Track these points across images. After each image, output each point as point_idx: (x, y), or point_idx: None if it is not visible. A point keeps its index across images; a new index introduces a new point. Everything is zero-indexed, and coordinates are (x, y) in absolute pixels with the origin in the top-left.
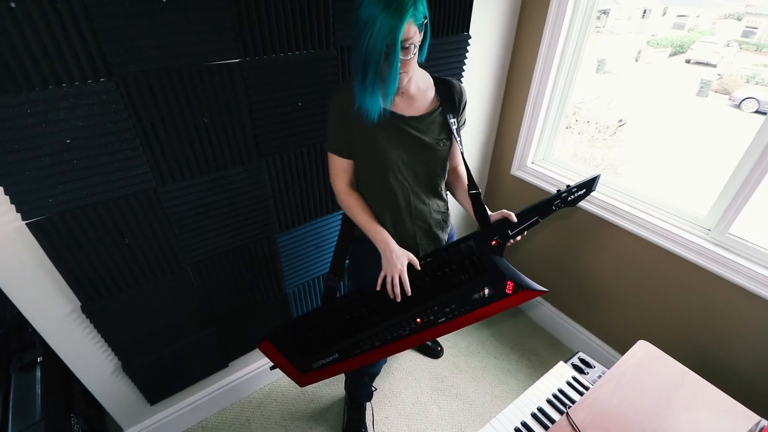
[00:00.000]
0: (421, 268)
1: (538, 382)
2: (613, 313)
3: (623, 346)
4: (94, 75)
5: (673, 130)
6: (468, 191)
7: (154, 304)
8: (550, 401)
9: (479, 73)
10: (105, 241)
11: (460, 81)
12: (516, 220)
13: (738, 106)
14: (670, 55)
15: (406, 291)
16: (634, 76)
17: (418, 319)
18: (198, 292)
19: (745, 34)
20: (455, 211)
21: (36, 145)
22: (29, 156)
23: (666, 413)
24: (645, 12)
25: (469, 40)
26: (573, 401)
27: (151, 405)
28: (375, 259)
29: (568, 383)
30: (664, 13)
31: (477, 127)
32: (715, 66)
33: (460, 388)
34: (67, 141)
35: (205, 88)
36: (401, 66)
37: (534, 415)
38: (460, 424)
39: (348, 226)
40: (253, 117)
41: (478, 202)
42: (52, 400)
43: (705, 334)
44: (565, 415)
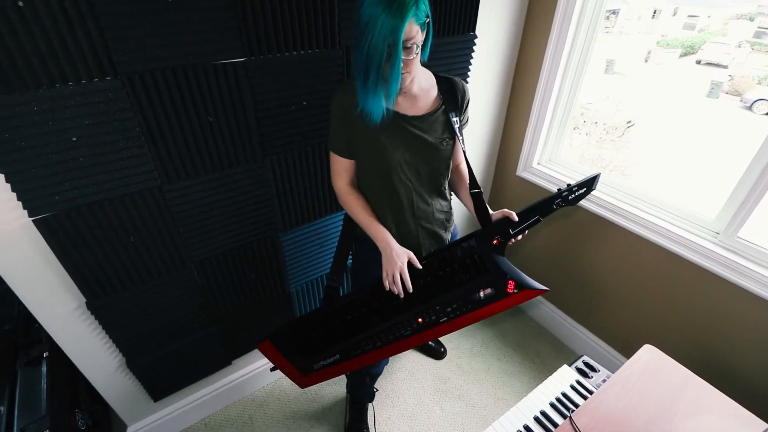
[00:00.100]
0: (422, 267)
1: (542, 386)
2: (617, 316)
3: (628, 349)
4: (100, 73)
5: (683, 132)
6: (469, 190)
7: (159, 302)
8: (553, 405)
9: (485, 73)
10: (110, 239)
11: (465, 80)
12: (517, 219)
13: (749, 108)
14: (681, 56)
15: (407, 287)
16: (643, 77)
17: (420, 319)
18: (202, 290)
19: (758, 35)
20: (459, 210)
21: (43, 143)
22: (36, 153)
23: (671, 418)
24: (655, 12)
25: (475, 40)
26: (577, 405)
27: (155, 402)
28: (377, 258)
29: (572, 387)
30: (675, 14)
31: (482, 127)
32: (726, 67)
33: (463, 389)
34: (74, 139)
35: (210, 87)
36: (404, 66)
37: (537, 419)
38: (462, 426)
39: (350, 226)
40: (258, 116)
41: (479, 201)
42: (57, 396)
43: (711, 338)
44: (568, 419)
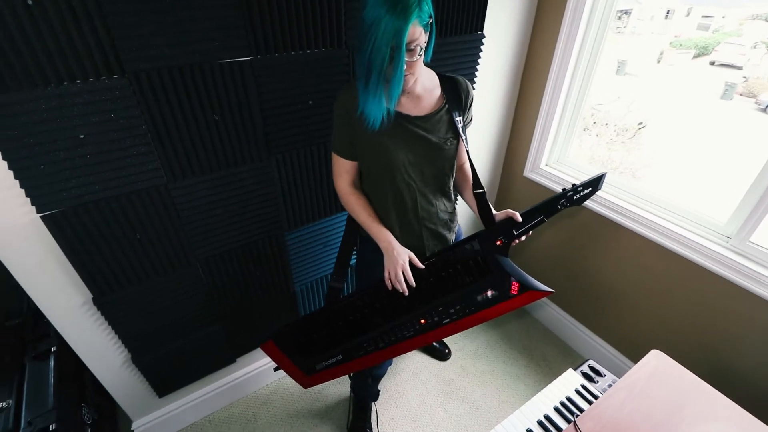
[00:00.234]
0: (424, 267)
1: (546, 389)
2: (624, 320)
3: (635, 353)
4: (107, 72)
5: (695, 134)
6: (473, 190)
7: (164, 299)
8: (557, 409)
9: (493, 73)
10: (117, 236)
11: (473, 80)
12: (521, 220)
13: (764, 110)
14: (694, 57)
15: (410, 284)
16: (655, 78)
17: (423, 320)
18: (207, 287)
19: None
20: (463, 211)
21: (51, 140)
22: (44, 150)
23: (678, 425)
24: (668, 12)
25: (483, 40)
26: (581, 410)
27: (160, 397)
28: (381, 258)
29: (577, 391)
30: (689, 14)
31: (490, 128)
32: (740, 68)
33: (467, 391)
34: (81, 136)
35: (216, 85)
36: (407, 68)
37: (540, 423)
38: (466, 428)
39: (353, 226)
40: (263, 115)
41: (482, 202)
42: (64, 390)
43: (721, 345)
44: (572, 423)
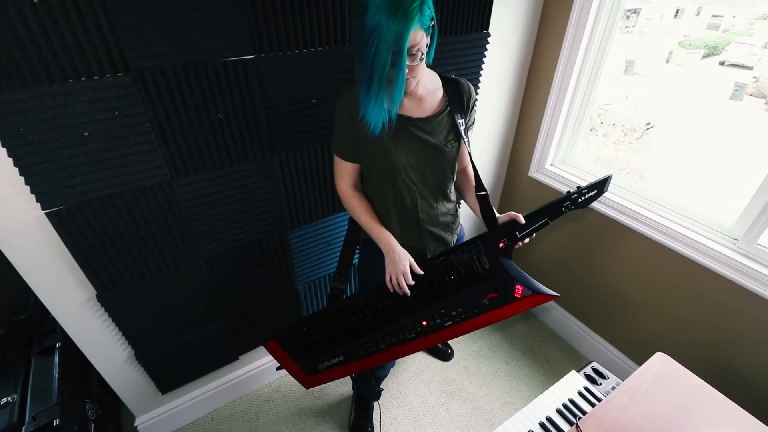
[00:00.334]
0: (426, 270)
1: (548, 391)
2: (629, 322)
3: (640, 356)
4: (112, 69)
5: (704, 135)
6: (475, 193)
7: (167, 296)
8: (559, 411)
9: (498, 72)
10: (121, 233)
11: (478, 79)
12: (524, 222)
13: None
14: (703, 57)
15: (410, 285)
16: (664, 78)
17: (424, 322)
18: (210, 285)
19: None
20: (466, 213)
21: (55, 137)
22: (49, 148)
23: (682, 429)
24: (678, 12)
25: (488, 39)
26: (584, 412)
27: (163, 394)
28: (382, 260)
29: (580, 393)
30: (698, 13)
31: (495, 127)
32: (751, 68)
33: (469, 392)
34: (86, 134)
35: (220, 83)
36: (408, 71)
37: (542, 425)
38: (468, 428)
39: (355, 227)
40: (267, 113)
41: (485, 204)
42: (68, 385)
43: (727, 348)
44: (574, 426)
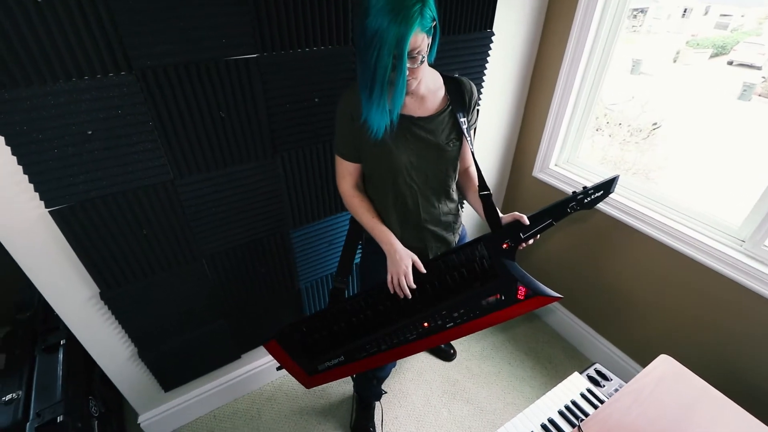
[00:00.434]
0: (427, 270)
1: (551, 393)
2: (634, 323)
3: (644, 358)
4: (115, 68)
5: (711, 135)
6: (478, 192)
7: (170, 294)
8: (562, 413)
9: (502, 71)
10: (123, 231)
11: (481, 78)
12: (528, 223)
13: None
14: (711, 57)
15: (412, 288)
16: (671, 78)
17: (426, 323)
18: (212, 283)
19: None
20: (469, 213)
21: (59, 136)
22: (52, 146)
23: None
24: (685, 11)
25: (492, 38)
26: (586, 414)
27: (166, 392)
28: (383, 260)
29: (582, 395)
30: (706, 12)
31: (499, 127)
32: (760, 68)
33: (471, 392)
34: (89, 132)
35: (222, 82)
36: (409, 73)
37: (544, 427)
38: (469, 429)
39: (356, 227)
40: (269, 112)
41: (488, 204)
42: (72, 382)
43: (732, 350)
44: (576, 428)
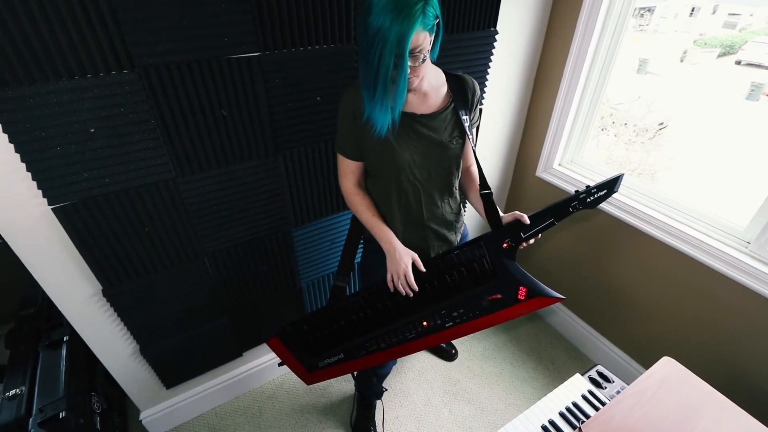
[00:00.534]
0: (427, 268)
1: (551, 394)
2: (637, 325)
3: (647, 360)
4: (117, 66)
5: (718, 135)
6: (479, 191)
7: (172, 292)
8: (563, 414)
9: (506, 70)
10: (126, 228)
11: (485, 77)
12: (529, 222)
13: None
14: (719, 56)
15: (412, 287)
16: (678, 78)
17: (425, 323)
18: (214, 281)
19: None
20: (470, 212)
21: (62, 134)
22: (55, 144)
23: None
24: (693, 10)
25: (496, 36)
26: (588, 416)
27: (168, 389)
28: (383, 259)
29: (584, 397)
30: (714, 12)
31: (502, 126)
32: None
33: (473, 393)
34: (91, 130)
35: (224, 81)
36: (411, 71)
37: (545, 428)
38: (470, 429)
39: (357, 225)
40: (271, 111)
41: (489, 203)
42: (75, 378)
43: (736, 353)
44: (577, 430)
